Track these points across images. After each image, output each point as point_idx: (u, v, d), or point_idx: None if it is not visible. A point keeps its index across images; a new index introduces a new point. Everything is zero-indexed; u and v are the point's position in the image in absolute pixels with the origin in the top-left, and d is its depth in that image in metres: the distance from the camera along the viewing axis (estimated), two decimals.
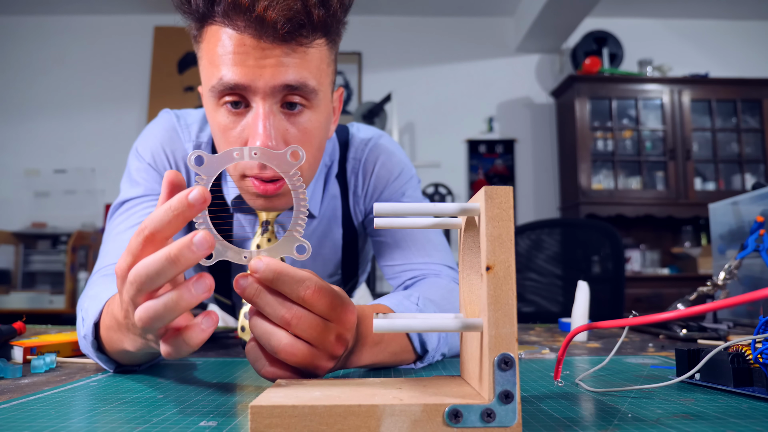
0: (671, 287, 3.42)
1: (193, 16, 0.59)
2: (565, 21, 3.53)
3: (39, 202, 3.79)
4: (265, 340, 0.39)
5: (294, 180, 0.39)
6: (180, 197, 0.36)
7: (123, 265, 0.38)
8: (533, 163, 3.96)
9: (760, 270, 0.94)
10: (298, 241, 0.40)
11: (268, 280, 0.38)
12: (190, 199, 0.35)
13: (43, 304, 3.36)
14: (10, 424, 0.34)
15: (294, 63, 0.57)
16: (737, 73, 3.94)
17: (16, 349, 0.58)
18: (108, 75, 3.92)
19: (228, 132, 0.60)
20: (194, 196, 0.36)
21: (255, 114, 0.58)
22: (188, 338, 0.37)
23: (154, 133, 0.77)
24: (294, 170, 0.39)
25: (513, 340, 0.30)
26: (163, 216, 0.36)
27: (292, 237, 0.40)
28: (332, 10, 0.58)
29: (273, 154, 0.39)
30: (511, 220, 0.32)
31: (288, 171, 0.39)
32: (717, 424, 0.34)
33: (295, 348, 0.39)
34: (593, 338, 0.79)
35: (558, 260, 1.59)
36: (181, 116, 0.78)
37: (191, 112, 0.80)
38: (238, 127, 0.60)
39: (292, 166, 0.39)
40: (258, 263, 0.38)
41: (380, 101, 3.55)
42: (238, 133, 0.60)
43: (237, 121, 0.60)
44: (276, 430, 0.29)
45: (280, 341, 0.39)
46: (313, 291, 0.39)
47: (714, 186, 3.64)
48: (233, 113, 0.59)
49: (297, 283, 0.38)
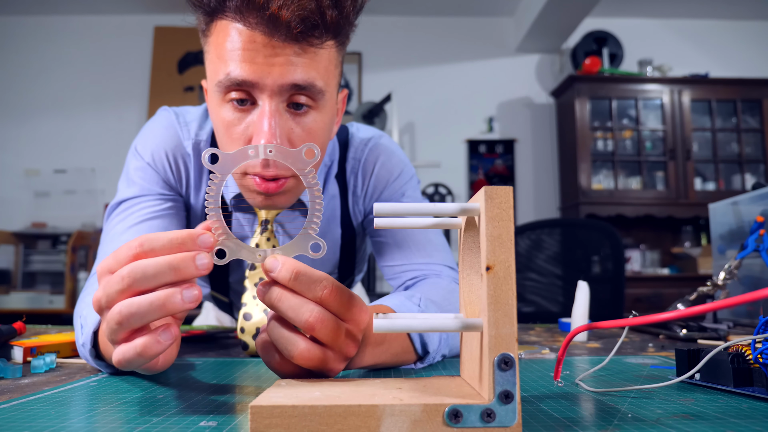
0: (671, 287, 3.42)
1: (203, 10, 0.59)
2: (565, 21, 3.53)
3: (39, 202, 3.79)
4: (282, 346, 0.39)
5: (309, 178, 0.39)
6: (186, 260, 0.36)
7: (106, 266, 0.38)
8: (533, 163, 3.96)
9: (760, 270, 0.94)
10: (312, 239, 0.39)
11: (286, 280, 0.38)
12: (199, 266, 0.36)
13: (43, 304, 3.36)
14: (10, 424, 0.34)
15: (303, 63, 0.57)
16: (737, 73, 3.94)
17: (16, 349, 0.58)
18: (108, 75, 3.92)
19: (232, 128, 0.60)
20: (202, 265, 0.36)
21: (261, 112, 0.58)
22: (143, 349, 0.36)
23: (154, 131, 0.76)
24: (309, 168, 0.39)
25: (513, 340, 0.30)
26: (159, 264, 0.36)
27: (307, 235, 0.39)
28: (345, 12, 0.58)
29: (288, 152, 0.39)
30: (511, 220, 0.32)
31: (303, 169, 0.39)
32: (717, 424, 0.34)
33: (311, 353, 0.38)
34: (593, 338, 0.79)
35: (558, 260, 1.59)
36: (180, 114, 0.78)
37: (190, 109, 0.79)
38: (243, 124, 0.59)
39: (307, 164, 0.39)
40: (274, 263, 0.38)
41: (380, 101, 3.55)
42: (242, 130, 0.59)
43: (242, 118, 0.59)
44: (276, 430, 0.29)
45: (297, 347, 0.38)
46: (330, 290, 0.38)
47: (714, 186, 3.64)
48: (238, 110, 0.59)
49: (315, 282, 0.38)
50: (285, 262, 0.38)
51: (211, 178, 0.38)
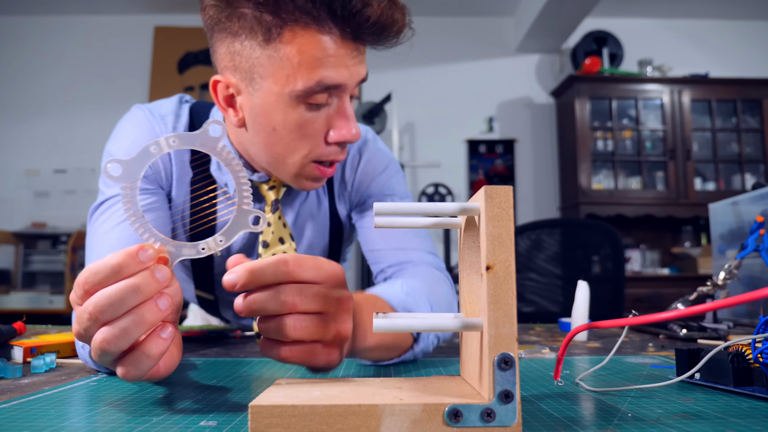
0: (671, 287, 3.42)
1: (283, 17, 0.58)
2: (565, 21, 3.53)
3: (39, 202, 3.79)
4: (275, 334, 0.39)
5: (224, 154, 0.38)
6: (146, 277, 0.35)
7: (74, 298, 0.37)
8: (533, 163, 3.96)
9: (760, 270, 0.94)
10: (251, 213, 0.38)
11: (251, 283, 0.38)
12: (160, 279, 0.36)
13: (43, 304, 3.36)
14: (10, 424, 0.34)
15: (363, 59, 0.65)
16: (737, 73, 3.94)
17: (16, 349, 0.58)
18: (108, 75, 3.92)
19: (307, 126, 0.64)
20: (163, 277, 0.36)
21: (342, 104, 0.64)
22: (148, 350, 0.36)
23: (128, 129, 0.75)
24: (220, 145, 0.38)
25: (513, 340, 0.30)
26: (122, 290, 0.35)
27: (243, 210, 0.38)
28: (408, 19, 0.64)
29: (193, 136, 0.37)
30: (511, 219, 0.32)
31: (215, 147, 0.38)
32: (717, 423, 0.34)
33: (302, 321, 0.38)
34: (593, 338, 0.79)
35: (558, 260, 1.59)
36: (152, 109, 0.76)
37: (162, 103, 0.78)
38: (320, 120, 0.64)
39: (216, 141, 0.38)
40: (231, 277, 0.37)
41: (380, 101, 3.55)
42: (322, 125, 0.64)
43: (318, 115, 0.64)
44: (276, 429, 0.29)
45: (287, 324, 0.38)
46: (293, 262, 0.38)
47: (714, 186, 3.64)
48: (314, 108, 0.63)
49: (274, 266, 0.38)
50: (237, 270, 0.37)
51: (122, 189, 0.37)
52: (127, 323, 0.35)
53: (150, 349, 0.36)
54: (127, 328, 0.35)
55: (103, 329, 0.35)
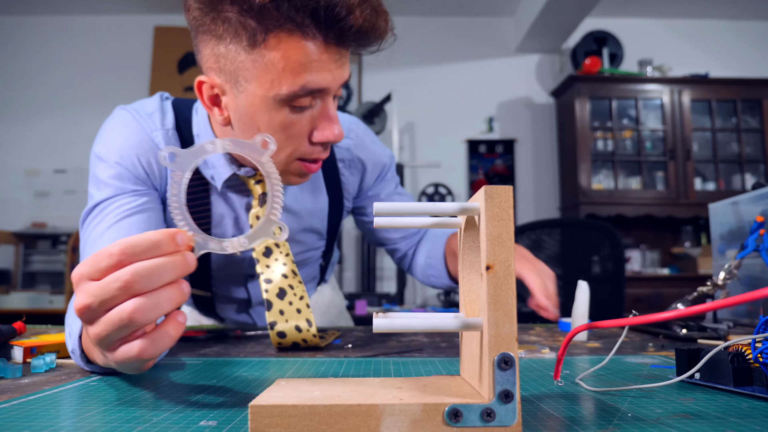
0: (671, 287, 3.42)
1: (261, 25, 0.59)
2: (565, 21, 3.53)
3: (39, 202, 3.79)
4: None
5: (267, 167, 0.40)
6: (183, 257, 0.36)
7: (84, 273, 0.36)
8: (533, 163, 3.96)
9: (760, 270, 0.94)
10: (275, 224, 0.40)
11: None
12: (191, 263, 0.37)
13: (43, 304, 3.36)
14: (10, 424, 0.34)
15: (346, 61, 0.66)
16: (737, 73, 3.94)
17: (16, 349, 0.58)
18: (108, 75, 3.92)
19: (292, 127, 0.66)
20: (193, 261, 0.37)
21: (325, 105, 0.66)
22: (170, 329, 0.37)
23: (115, 131, 0.75)
24: (266, 158, 0.40)
25: (513, 340, 0.30)
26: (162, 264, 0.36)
27: (270, 220, 0.40)
28: (390, 25, 0.66)
29: (245, 144, 0.39)
30: (511, 219, 0.32)
31: (259, 158, 0.40)
32: (717, 423, 0.34)
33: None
34: (593, 338, 0.79)
35: (558, 260, 1.59)
36: (137, 109, 0.77)
37: (145, 102, 0.78)
38: (304, 121, 0.66)
39: (262, 153, 0.40)
40: None
41: (380, 101, 3.54)
42: (306, 126, 0.66)
43: (302, 116, 0.66)
44: (276, 429, 0.29)
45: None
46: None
47: (714, 186, 3.64)
48: (298, 111, 0.65)
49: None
50: None
51: (172, 176, 0.39)
52: (162, 297, 0.35)
53: (171, 329, 0.37)
54: (160, 302, 0.35)
55: (136, 299, 0.35)
